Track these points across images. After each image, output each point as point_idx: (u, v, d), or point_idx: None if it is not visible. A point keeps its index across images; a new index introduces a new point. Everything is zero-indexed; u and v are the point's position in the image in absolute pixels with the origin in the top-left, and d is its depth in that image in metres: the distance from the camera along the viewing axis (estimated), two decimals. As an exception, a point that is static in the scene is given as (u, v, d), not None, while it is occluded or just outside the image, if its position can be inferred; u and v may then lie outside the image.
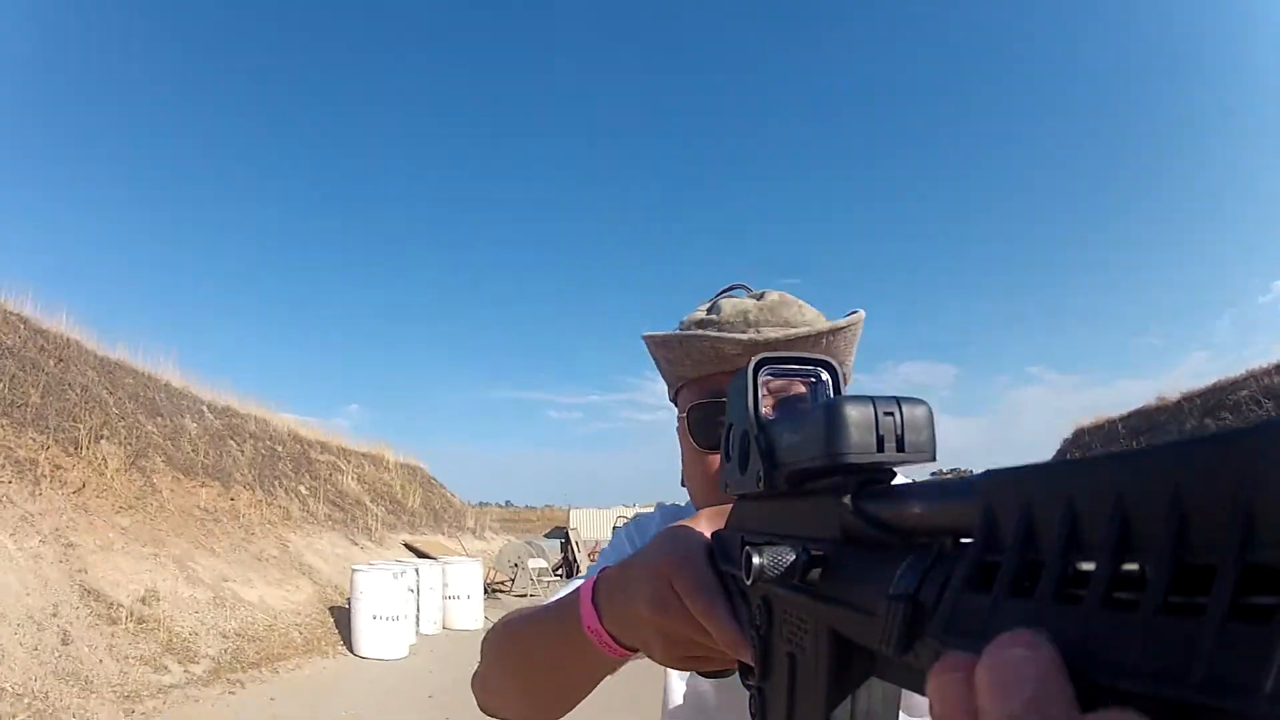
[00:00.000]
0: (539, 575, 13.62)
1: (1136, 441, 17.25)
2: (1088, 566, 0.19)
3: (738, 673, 0.56)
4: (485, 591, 11.73)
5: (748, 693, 0.50)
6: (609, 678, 0.74)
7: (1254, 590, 0.15)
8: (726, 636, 0.51)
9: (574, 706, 0.80)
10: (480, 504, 29.62)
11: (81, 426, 8.81)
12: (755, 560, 0.40)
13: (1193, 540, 0.16)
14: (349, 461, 16.03)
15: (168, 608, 7.54)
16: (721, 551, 0.55)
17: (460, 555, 12.95)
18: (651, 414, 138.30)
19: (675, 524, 0.63)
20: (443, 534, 16.91)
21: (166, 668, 6.85)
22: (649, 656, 0.64)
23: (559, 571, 15.04)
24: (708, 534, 0.60)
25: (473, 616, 10.67)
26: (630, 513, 34.39)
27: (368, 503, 14.97)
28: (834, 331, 0.89)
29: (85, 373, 10.07)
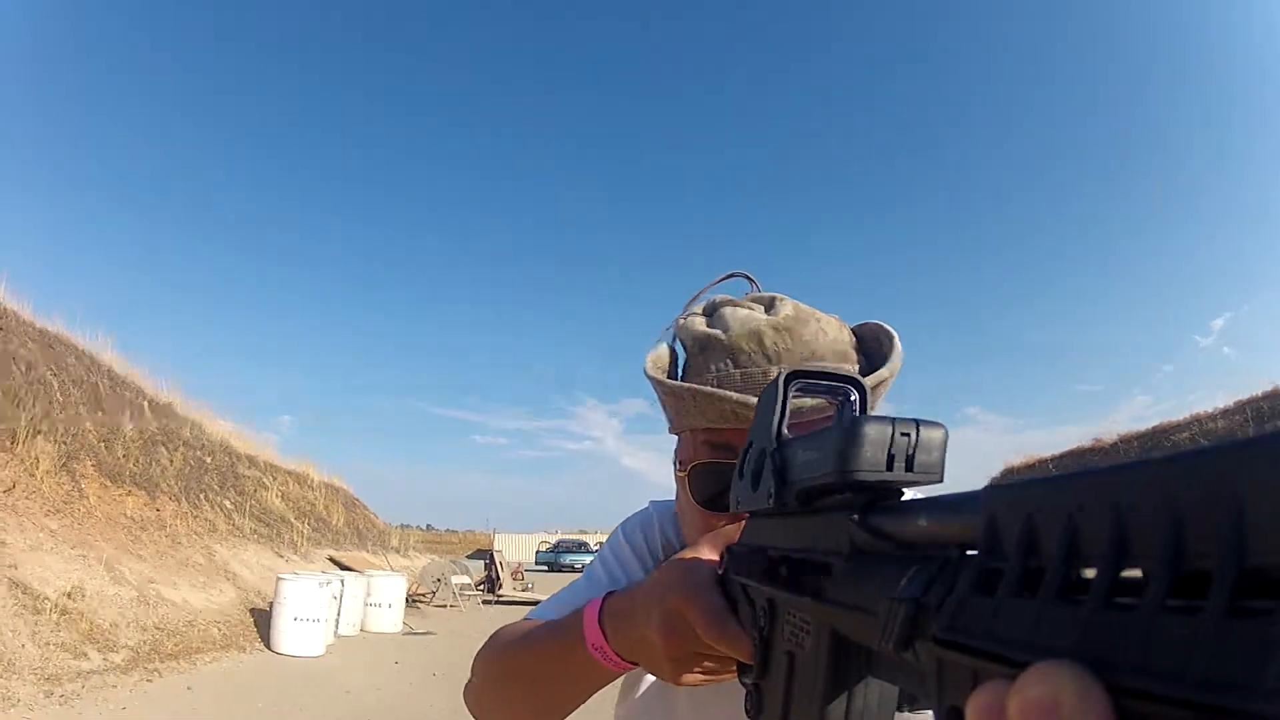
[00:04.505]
0: (461, 590, 14.03)
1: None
2: (1089, 574, 0.20)
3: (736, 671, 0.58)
4: (407, 602, 12.08)
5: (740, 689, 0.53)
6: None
7: (1250, 595, 0.15)
8: (745, 653, 0.53)
9: (572, 712, 0.84)
10: (402, 525, 29.38)
11: (22, 417, 9.08)
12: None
13: (1190, 546, 0.17)
14: (274, 478, 16.19)
15: (92, 602, 7.86)
16: (734, 564, 0.57)
17: (384, 571, 13.27)
18: (579, 444, 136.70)
19: (679, 555, 0.66)
20: (367, 551, 17.12)
21: (86, 655, 7.16)
22: (655, 675, 0.68)
23: (480, 587, 15.45)
24: (712, 559, 0.63)
25: (392, 622, 10.99)
26: (554, 538, 34.61)
27: (292, 519, 15.15)
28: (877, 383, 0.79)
29: (27, 345, 10.20)
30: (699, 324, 0.85)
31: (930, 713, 0.27)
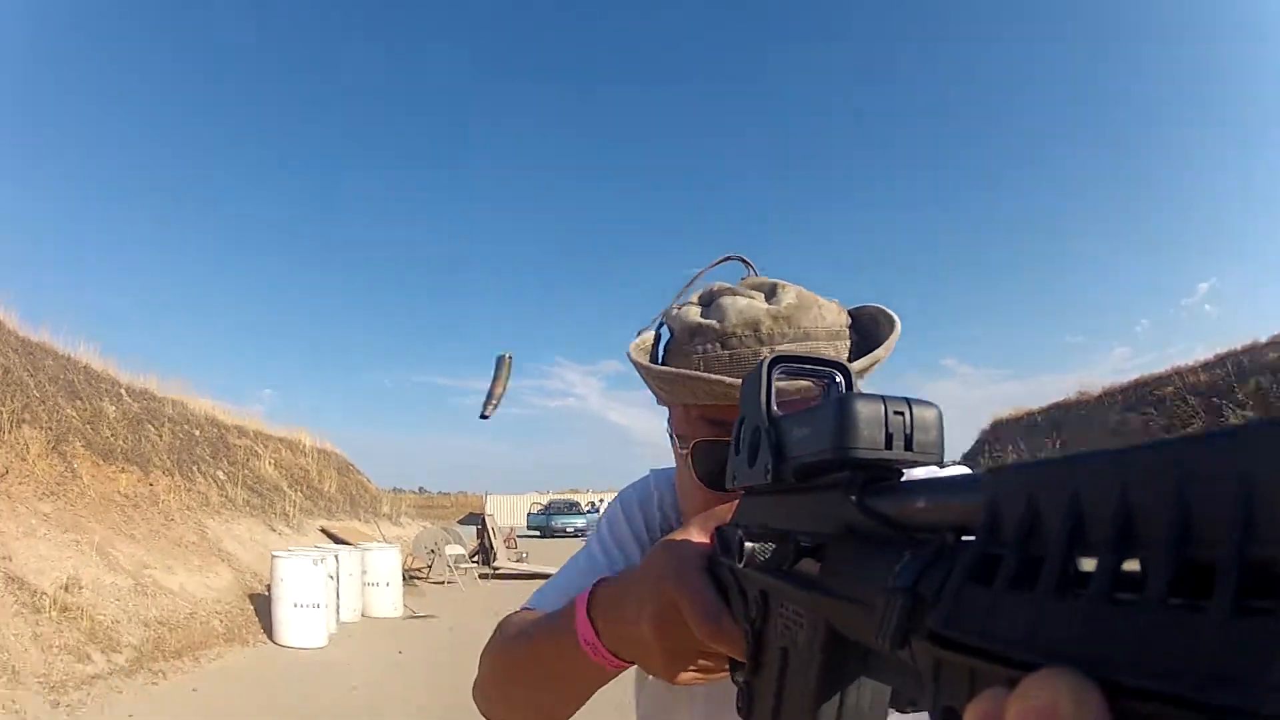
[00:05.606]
0: (456, 562, 13.94)
1: (1055, 433, 17.28)
2: (1090, 564, 0.19)
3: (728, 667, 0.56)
4: (404, 579, 11.99)
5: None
6: None
7: (1255, 589, 0.15)
8: (738, 649, 0.51)
9: (576, 711, 0.81)
10: (395, 489, 29.23)
11: (4, 410, 8.73)
12: (748, 545, 0.43)
13: (1195, 536, 0.16)
14: (266, 446, 15.84)
15: (90, 595, 7.63)
16: (723, 545, 0.55)
17: (377, 541, 13.13)
18: (560, 400, 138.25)
19: (669, 537, 0.63)
20: (359, 520, 16.95)
21: (90, 657, 6.98)
22: (648, 671, 0.64)
23: (475, 558, 15.35)
24: (703, 541, 0.60)
25: (391, 604, 10.92)
26: (545, 499, 35.01)
27: (285, 488, 14.90)
28: (865, 367, 0.79)
29: (7, 354, 9.85)
30: (693, 314, 0.83)
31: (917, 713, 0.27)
